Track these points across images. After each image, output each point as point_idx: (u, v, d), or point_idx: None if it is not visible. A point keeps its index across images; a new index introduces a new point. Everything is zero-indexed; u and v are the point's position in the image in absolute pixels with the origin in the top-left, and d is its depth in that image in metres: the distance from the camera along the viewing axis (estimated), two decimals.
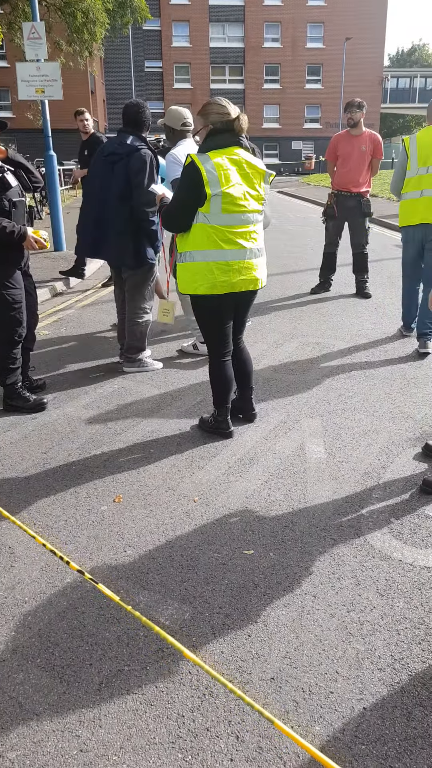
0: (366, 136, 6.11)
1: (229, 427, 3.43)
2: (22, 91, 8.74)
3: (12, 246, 3.53)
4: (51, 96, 8.80)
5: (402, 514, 2.65)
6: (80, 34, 18.09)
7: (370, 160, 6.16)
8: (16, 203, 3.52)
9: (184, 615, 2.10)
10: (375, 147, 6.12)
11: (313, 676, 1.84)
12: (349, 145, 6.14)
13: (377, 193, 16.63)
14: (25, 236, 3.51)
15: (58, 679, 1.87)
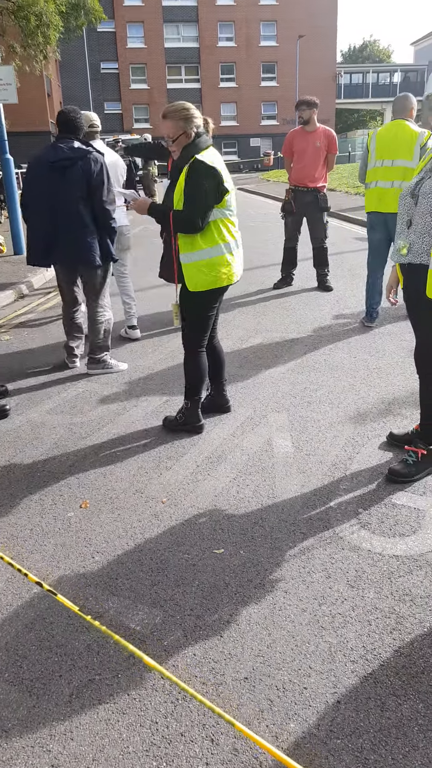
0: (320, 132, 6.16)
1: (200, 420, 3.43)
2: None
3: None
4: (5, 100, 8.69)
5: (369, 504, 2.66)
6: (34, 37, 17.89)
7: (326, 156, 6.21)
8: None
9: (155, 619, 2.07)
10: (329, 142, 6.18)
11: (286, 673, 1.82)
12: (304, 141, 6.19)
13: (335, 187, 16.84)
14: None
15: (27, 693, 1.81)
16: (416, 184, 2.67)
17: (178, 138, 3.02)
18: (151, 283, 7.45)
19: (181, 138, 3.01)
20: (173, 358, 4.70)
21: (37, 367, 4.68)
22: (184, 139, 3.01)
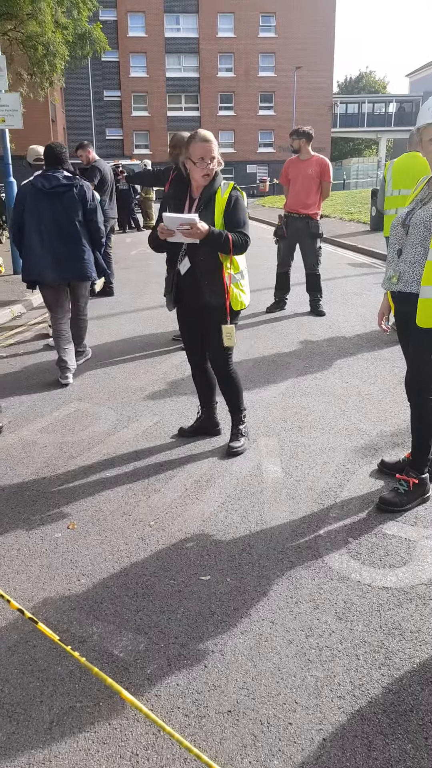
0: (314, 161, 6.29)
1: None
2: None
3: None
4: (12, 125, 8.92)
5: (359, 534, 2.64)
6: (41, 66, 18.39)
7: (320, 183, 6.32)
8: None
9: (139, 646, 2.03)
10: (322, 171, 6.29)
11: (271, 707, 1.78)
12: (297, 169, 6.34)
13: (330, 214, 17.09)
14: None
15: (8, 718, 1.77)
16: (407, 215, 2.72)
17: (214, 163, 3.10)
18: (146, 305, 7.49)
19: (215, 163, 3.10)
20: (165, 379, 4.70)
21: (31, 385, 4.66)
22: (217, 165, 3.12)
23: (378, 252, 10.53)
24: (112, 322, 6.65)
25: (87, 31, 21.22)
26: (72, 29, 20.04)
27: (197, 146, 3.05)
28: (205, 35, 41.64)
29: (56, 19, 18.10)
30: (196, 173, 3.10)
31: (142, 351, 5.49)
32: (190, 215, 3.03)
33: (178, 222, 2.98)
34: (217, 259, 3.18)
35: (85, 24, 20.68)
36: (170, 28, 41.52)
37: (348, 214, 16.82)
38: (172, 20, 41.42)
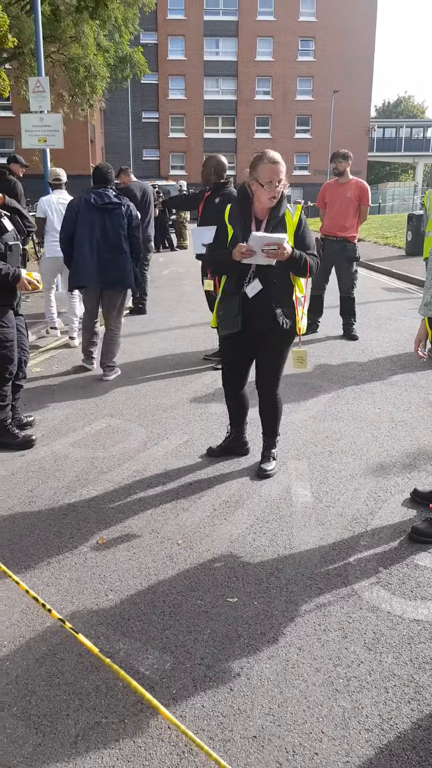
0: (352, 184, 6.32)
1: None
2: (25, 140, 9.09)
3: (6, 287, 3.58)
4: (53, 145, 9.17)
5: (390, 563, 2.61)
6: (82, 87, 18.97)
7: (358, 207, 6.34)
8: (11, 246, 3.60)
9: (165, 665, 2.03)
10: (361, 194, 6.31)
11: (297, 735, 1.77)
12: (336, 192, 6.38)
13: (365, 237, 17.07)
14: (19, 278, 3.56)
15: (34, 730, 1.79)
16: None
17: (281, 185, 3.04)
18: (178, 323, 7.58)
19: (282, 185, 3.04)
20: (195, 398, 4.74)
21: (64, 400, 4.76)
22: (283, 187, 3.06)
23: (413, 277, 10.47)
24: (144, 340, 6.74)
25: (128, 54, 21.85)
26: (113, 52, 20.64)
27: (266, 168, 2.98)
28: (243, 59, 42.42)
29: (98, 42, 18.66)
30: (263, 195, 3.02)
31: (173, 369, 5.55)
32: (280, 235, 2.97)
33: (264, 242, 2.91)
34: (290, 282, 3.17)
35: (127, 47, 21.28)
36: (209, 52, 42.42)
37: (383, 238, 16.80)
38: (211, 44, 42.35)
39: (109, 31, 19.70)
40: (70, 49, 17.90)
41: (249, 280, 3.14)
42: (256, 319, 3.16)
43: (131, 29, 20.67)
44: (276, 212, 3.10)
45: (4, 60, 16.87)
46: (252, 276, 3.13)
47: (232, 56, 42.70)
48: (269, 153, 3.01)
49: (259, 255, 2.95)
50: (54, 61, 18.41)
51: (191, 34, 41.55)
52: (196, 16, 41.17)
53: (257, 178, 3.00)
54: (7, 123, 31.45)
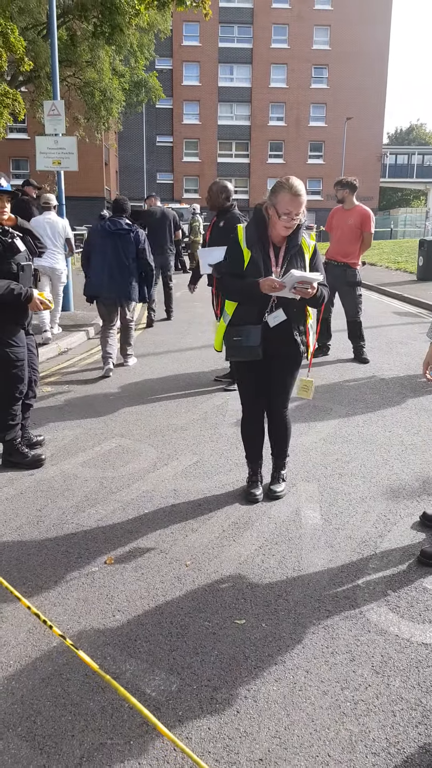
0: (356, 211, 6.40)
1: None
2: (40, 162, 9.24)
3: (18, 307, 3.64)
4: (67, 167, 9.29)
5: (399, 587, 2.59)
6: (97, 111, 19.34)
7: (361, 233, 6.40)
8: (23, 267, 3.67)
9: (171, 686, 2.03)
10: (363, 221, 6.37)
11: (303, 759, 1.75)
12: (340, 219, 6.48)
13: (377, 262, 17.17)
14: (31, 298, 3.63)
15: (39, 750, 1.79)
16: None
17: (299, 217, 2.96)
18: (189, 345, 7.64)
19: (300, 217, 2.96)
20: (206, 419, 4.76)
21: (74, 419, 4.80)
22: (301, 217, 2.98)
23: (425, 302, 10.49)
24: (156, 361, 6.80)
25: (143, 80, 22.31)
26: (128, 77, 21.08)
27: (286, 198, 2.86)
28: (257, 85, 43.30)
29: (114, 66, 19.02)
30: (278, 224, 2.94)
31: (184, 390, 5.60)
32: (317, 275, 2.93)
33: (298, 280, 2.86)
34: (305, 311, 3.20)
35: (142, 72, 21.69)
36: (224, 78, 43.34)
37: (395, 263, 16.87)
38: (226, 70, 43.29)
39: (125, 57, 20.06)
40: (85, 74, 18.24)
41: (271, 309, 3.08)
42: (272, 345, 3.11)
43: (146, 55, 21.07)
44: (293, 240, 3.06)
45: (21, 83, 17.28)
46: (274, 306, 3.07)
47: (246, 83, 43.60)
48: (293, 182, 2.87)
49: (285, 290, 2.92)
50: (69, 85, 18.80)
51: (206, 61, 42.53)
52: (211, 43, 42.17)
53: (275, 204, 2.90)
54: (22, 145, 32.20)
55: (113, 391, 5.56)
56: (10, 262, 3.59)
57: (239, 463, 3.89)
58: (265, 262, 3.04)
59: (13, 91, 11.89)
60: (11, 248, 3.60)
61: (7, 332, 3.68)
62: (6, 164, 33.86)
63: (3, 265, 3.56)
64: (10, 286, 3.51)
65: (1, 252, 3.56)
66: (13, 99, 11.63)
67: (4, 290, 3.49)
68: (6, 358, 3.68)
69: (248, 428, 3.52)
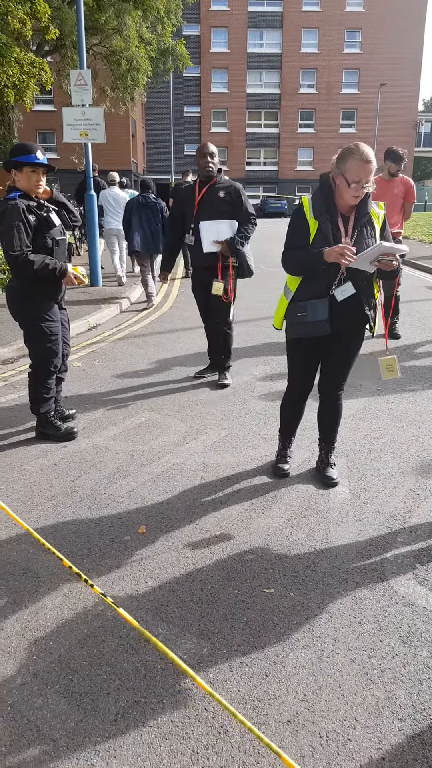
0: (398, 181, 6.23)
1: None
2: (67, 134, 9.18)
3: (52, 281, 3.69)
4: (94, 139, 9.20)
5: (427, 560, 2.61)
6: (124, 80, 19.03)
7: (402, 204, 6.26)
8: (58, 241, 3.69)
9: (202, 650, 2.10)
10: (407, 191, 6.22)
11: (331, 722, 1.81)
12: (382, 189, 6.27)
13: (409, 235, 16.75)
14: (66, 272, 3.66)
15: (76, 707, 1.88)
16: None
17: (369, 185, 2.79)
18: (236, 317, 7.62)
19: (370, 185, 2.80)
20: (235, 394, 4.79)
21: (104, 393, 4.89)
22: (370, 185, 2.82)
23: None
24: (184, 336, 6.83)
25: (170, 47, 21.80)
26: (155, 45, 20.60)
27: (356, 166, 2.71)
28: (288, 51, 42.00)
29: (140, 34, 18.59)
30: (346, 193, 2.80)
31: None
32: (404, 247, 2.80)
33: (385, 251, 2.73)
34: (374, 285, 3.05)
35: (169, 39, 21.15)
36: (253, 44, 42.10)
37: (429, 236, 16.44)
38: (255, 36, 42.04)
39: (152, 23, 19.55)
40: (111, 42, 17.83)
41: (339, 282, 2.93)
42: (338, 321, 2.96)
43: (174, 20, 20.44)
44: (363, 209, 2.91)
45: (46, 53, 17.06)
46: (342, 279, 2.93)
47: (277, 48, 42.29)
48: (363, 148, 2.71)
49: (361, 260, 2.77)
50: (95, 54, 18.48)
51: (235, 26, 41.33)
52: (239, 6, 40.94)
53: (344, 172, 2.75)
54: (49, 117, 32.03)
55: (142, 366, 5.62)
56: (45, 236, 3.62)
57: (267, 438, 3.92)
58: (335, 233, 2.88)
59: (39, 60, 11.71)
60: (46, 222, 3.63)
61: (42, 307, 3.74)
62: (32, 137, 33.77)
63: (38, 239, 3.60)
64: (45, 260, 3.56)
65: (37, 226, 3.59)
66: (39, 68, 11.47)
67: (39, 265, 3.53)
68: (41, 333, 3.75)
69: (291, 409, 3.45)
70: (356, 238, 2.90)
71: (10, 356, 5.91)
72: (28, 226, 3.54)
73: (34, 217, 3.57)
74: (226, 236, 4.66)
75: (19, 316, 3.79)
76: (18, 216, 3.49)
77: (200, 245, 4.69)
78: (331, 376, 3.26)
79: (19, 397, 4.69)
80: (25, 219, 3.52)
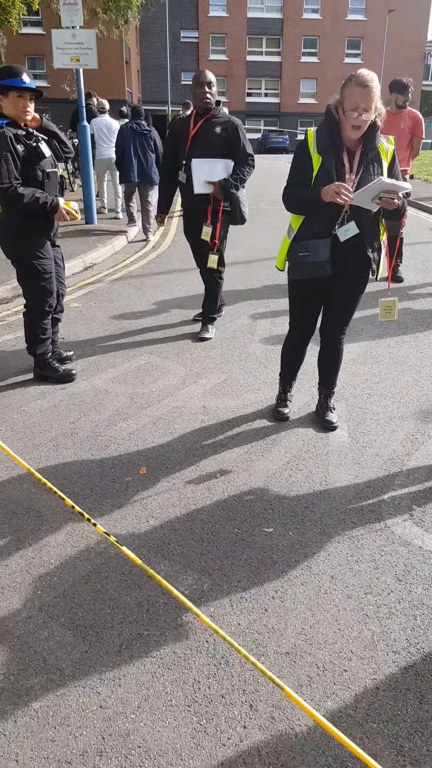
0: (406, 114, 5.96)
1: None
2: (57, 59, 8.66)
3: (43, 217, 3.56)
4: (86, 65, 8.69)
5: (424, 502, 2.66)
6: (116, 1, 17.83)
7: (410, 139, 6.01)
8: (49, 174, 3.52)
9: (203, 586, 2.16)
10: (415, 125, 5.96)
11: (327, 654, 1.88)
12: (389, 123, 5.99)
13: (414, 174, 16.24)
14: (57, 207, 3.52)
15: (81, 638, 1.94)
16: None
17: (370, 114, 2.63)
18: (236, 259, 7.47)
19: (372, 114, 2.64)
20: (234, 337, 4.75)
21: (103, 336, 4.83)
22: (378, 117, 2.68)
23: None
24: (182, 278, 6.71)
25: None
26: None
27: (354, 91, 2.57)
28: None
29: None
30: (347, 125, 2.67)
31: None
32: (407, 184, 2.63)
33: (386, 188, 2.59)
34: (379, 224, 2.91)
35: None
36: None
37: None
38: None
39: None
40: None
41: (342, 222, 2.82)
42: (341, 262, 2.88)
43: None
44: (369, 143, 2.75)
45: None
46: (345, 218, 2.82)
47: None
48: (361, 71, 2.59)
49: (360, 198, 2.67)
50: None
51: None
52: None
53: (343, 101, 2.64)
54: (38, 41, 30.25)
55: (140, 308, 5.54)
56: (35, 168, 3.46)
57: (268, 382, 3.91)
58: (338, 169, 2.75)
59: None
60: (36, 153, 3.46)
61: (33, 244, 3.62)
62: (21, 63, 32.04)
63: (28, 171, 3.43)
64: (35, 194, 3.41)
65: (26, 157, 3.42)
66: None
67: (29, 198, 3.39)
68: (34, 271, 3.65)
69: (291, 352, 3.41)
70: (361, 175, 2.77)
71: (4, 296, 5.81)
72: (17, 156, 3.38)
73: (22, 147, 3.40)
74: (220, 177, 4.29)
75: (11, 253, 3.68)
76: (5, 146, 3.32)
77: (191, 185, 4.34)
78: (332, 320, 3.21)
79: (16, 338, 4.64)
80: (13, 149, 3.35)
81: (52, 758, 1.58)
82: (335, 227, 2.83)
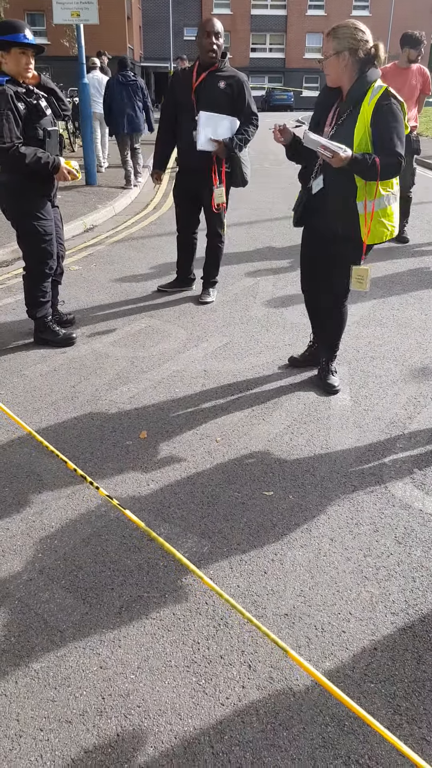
0: (416, 70, 5.73)
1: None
2: (57, 14, 8.36)
3: (43, 176, 3.46)
4: (87, 20, 8.39)
5: (425, 465, 2.63)
6: None
7: (418, 95, 5.80)
8: (50, 132, 3.42)
9: (203, 548, 2.16)
10: (424, 81, 5.75)
11: (326, 615, 1.89)
12: (398, 79, 5.76)
13: (422, 132, 15.75)
14: (59, 167, 3.42)
15: (81, 600, 1.95)
16: None
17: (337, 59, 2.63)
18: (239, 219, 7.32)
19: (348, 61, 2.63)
20: (236, 300, 4.68)
21: (103, 298, 4.76)
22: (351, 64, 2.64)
23: None
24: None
25: None
26: None
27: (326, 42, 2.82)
28: None
29: None
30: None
31: None
32: (335, 145, 2.54)
33: (318, 145, 2.56)
34: (353, 182, 2.72)
35: None
36: None
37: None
38: None
39: None
40: None
41: (315, 174, 2.85)
42: (316, 219, 2.92)
43: None
44: (351, 93, 2.67)
45: None
46: (318, 170, 2.83)
47: None
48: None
49: (309, 143, 2.62)
50: None
51: None
52: None
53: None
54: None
55: (141, 271, 5.45)
56: (36, 127, 3.34)
57: (270, 345, 3.86)
58: (321, 117, 2.83)
59: None
60: (36, 111, 3.34)
61: (34, 204, 3.53)
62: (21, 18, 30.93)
63: (28, 130, 3.32)
64: (36, 153, 3.31)
65: (26, 115, 3.31)
66: None
67: (30, 158, 3.29)
68: (34, 233, 3.57)
69: (305, 296, 3.45)
70: (338, 126, 2.74)
71: (4, 258, 5.72)
72: (18, 115, 3.26)
73: (23, 105, 3.29)
74: (224, 136, 4.03)
75: (11, 214, 3.59)
76: (6, 104, 3.21)
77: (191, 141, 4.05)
78: (328, 286, 3.17)
79: (16, 301, 4.58)
80: (14, 107, 3.24)
81: (52, 718, 1.60)
82: (311, 179, 2.92)
